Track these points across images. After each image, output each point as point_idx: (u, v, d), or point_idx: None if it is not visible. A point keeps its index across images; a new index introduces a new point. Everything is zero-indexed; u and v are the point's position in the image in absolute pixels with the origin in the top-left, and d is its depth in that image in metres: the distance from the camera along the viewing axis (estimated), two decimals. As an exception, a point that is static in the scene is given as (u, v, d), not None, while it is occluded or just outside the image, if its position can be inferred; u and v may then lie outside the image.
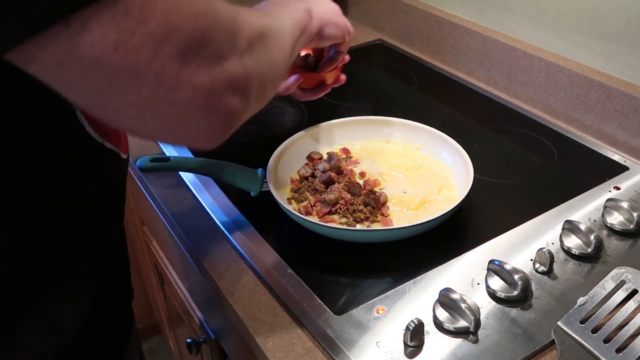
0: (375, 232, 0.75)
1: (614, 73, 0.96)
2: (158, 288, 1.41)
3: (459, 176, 0.85)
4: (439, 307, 0.65)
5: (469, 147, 0.86)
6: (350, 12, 1.54)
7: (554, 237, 0.76)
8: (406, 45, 1.37)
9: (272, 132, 1.02)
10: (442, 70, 1.25)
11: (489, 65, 1.17)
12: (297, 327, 0.66)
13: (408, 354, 0.61)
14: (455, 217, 0.78)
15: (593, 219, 0.79)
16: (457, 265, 0.73)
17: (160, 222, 0.96)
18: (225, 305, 0.72)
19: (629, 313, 0.63)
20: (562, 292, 0.68)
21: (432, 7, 1.28)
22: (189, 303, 1.09)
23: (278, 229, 0.81)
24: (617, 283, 0.66)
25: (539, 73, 1.06)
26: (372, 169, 0.88)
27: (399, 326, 0.64)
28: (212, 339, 1.00)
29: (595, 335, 0.62)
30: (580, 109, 1.01)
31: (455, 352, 0.61)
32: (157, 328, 1.73)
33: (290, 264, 0.73)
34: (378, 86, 1.21)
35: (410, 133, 0.93)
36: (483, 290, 0.69)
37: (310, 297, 0.69)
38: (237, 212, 0.82)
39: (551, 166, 0.93)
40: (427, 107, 1.12)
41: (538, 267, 0.71)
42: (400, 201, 0.82)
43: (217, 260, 0.76)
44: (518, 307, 0.66)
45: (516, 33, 1.11)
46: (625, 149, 0.95)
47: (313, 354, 0.63)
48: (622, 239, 0.76)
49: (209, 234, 0.80)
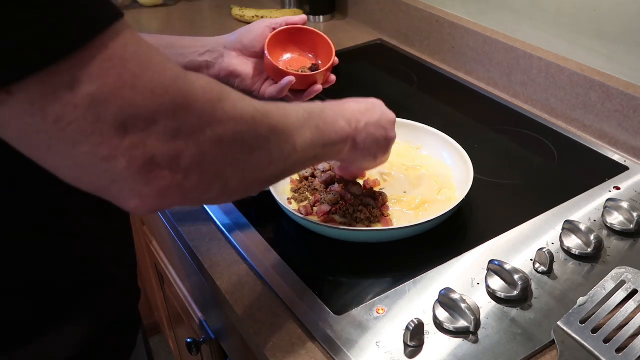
0: (375, 232, 0.75)
1: (614, 73, 0.96)
2: (158, 288, 1.41)
3: (459, 176, 0.85)
4: (439, 307, 0.65)
5: (469, 147, 0.86)
6: (350, 12, 1.54)
7: (554, 237, 0.76)
8: (406, 45, 1.37)
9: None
10: (442, 70, 1.25)
11: (489, 65, 1.17)
12: (297, 327, 0.66)
13: (408, 354, 0.61)
14: (455, 217, 0.78)
15: (593, 219, 0.79)
16: (457, 265, 0.73)
17: (160, 222, 0.96)
18: (225, 305, 0.72)
19: (629, 313, 0.63)
20: (562, 292, 0.68)
21: (432, 7, 1.28)
22: (189, 303, 1.09)
23: (278, 229, 0.81)
24: (617, 283, 0.66)
25: (539, 73, 1.06)
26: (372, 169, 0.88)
27: (399, 326, 0.64)
28: (212, 339, 1.00)
29: (595, 335, 0.61)
30: (580, 109, 1.01)
31: (455, 352, 0.61)
32: (157, 328, 1.73)
33: (290, 264, 0.73)
34: (378, 86, 1.21)
35: (410, 133, 0.93)
36: (483, 290, 0.69)
37: (310, 297, 0.69)
38: (237, 212, 0.82)
39: (551, 166, 0.93)
40: (427, 107, 1.12)
41: (538, 267, 0.71)
42: (400, 201, 0.82)
43: (217, 260, 0.76)
44: (518, 307, 0.66)
45: (516, 33, 1.11)
46: (625, 149, 0.95)
47: (313, 354, 0.63)
48: (622, 239, 0.76)
49: (209, 234, 0.80)
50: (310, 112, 0.58)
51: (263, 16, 1.50)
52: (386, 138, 0.70)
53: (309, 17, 1.54)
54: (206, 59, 0.81)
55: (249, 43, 0.81)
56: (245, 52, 0.82)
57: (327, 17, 1.54)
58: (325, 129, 0.59)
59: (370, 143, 0.67)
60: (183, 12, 1.64)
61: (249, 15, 1.51)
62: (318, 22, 1.54)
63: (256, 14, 1.51)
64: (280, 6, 1.59)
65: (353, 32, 1.46)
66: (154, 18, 1.62)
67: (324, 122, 0.59)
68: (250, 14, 1.51)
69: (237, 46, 0.81)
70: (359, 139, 0.65)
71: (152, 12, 1.64)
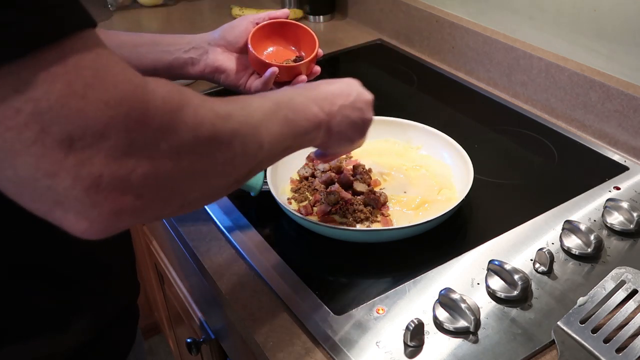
0: (375, 232, 0.75)
1: (614, 73, 0.96)
2: (158, 288, 1.41)
3: (459, 176, 0.85)
4: (439, 307, 0.65)
5: (469, 147, 0.86)
6: (350, 12, 1.54)
7: (554, 237, 0.76)
8: (406, 45, 1.37)
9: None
10: (442, 70, 1.25)
11: (489, 65, 1.17)
12: (297, 327, 0.66)
13: (408, 354, 0.61)
14: (455, 217, 0.78)
15: (593, 219, 0.79)
16: (457, 265, 0.73)
17: (160, 222, 0.96)
18: (225, 305, 0.72)
19: (629, 313, 0.63)
20: (562, 292, 0.68)
21: (432, 7, 1.28)
22: (189, 303, 1.09)
23: (278, 229, 0.81)
24: (617, 283, 0.66)
25: (539, 73, 1.06)
26: (372, 169, 0.88)
27: (399, 326, 0.64)
28: (212, 339, 1.00)
29: (595, 335, 0.61)
30: (580, 109, 1.01)
31: (455, 352, 0.61)
32: (157, 328, 1.73)
33: (290, 264, 0.73)
34: (378, 86, 1.21)
35: (410, 133, 0.93)
36: (483, 290, 0.69)
37: (310, 297, 0.69)
38: (237, 212, 0.82)
39: (551, 166, 0.93)
40: (427, 107, 1.12)
41: (538, 267, 0.71)
42: (400, 201, 0.82)
43: (217, 260, 0.76)
44: (518, 307, 0.66)
45: (516, 33, 1.11)
46: (625, 149, 0.95)
47: (313, 354, 0.63)
48: (622, 239, 0.76)
49: (209, 234, 0.80)
50: (278, 103, 0.55)
51: (263, 16, 1.50)
52: (363, 120, 0.66)
53: (309, 17, 1.54)
54: (191, 56, 0.81)
55: (233, 39, 0.82)
56: (230, 48, 0.82)
57: (327, 17, 1.54)
58: (295, 118, 0.56)
59: (346, 126, 0.64)
60: (183, 12, 1.64)
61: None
62: (318, 22, 1.54)
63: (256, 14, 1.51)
64: (280, 6, 1.59)
65: (353, 32, 1.46)
66: (154, 18, 1.62)
67: (293, 111, 0.56)
68: (250, 14, 1.51)
69: (221, 42, 0.82)
70: (334, 123, 0.62)
71: (152, 12, 1.64)
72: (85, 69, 0.35)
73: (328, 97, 0.62)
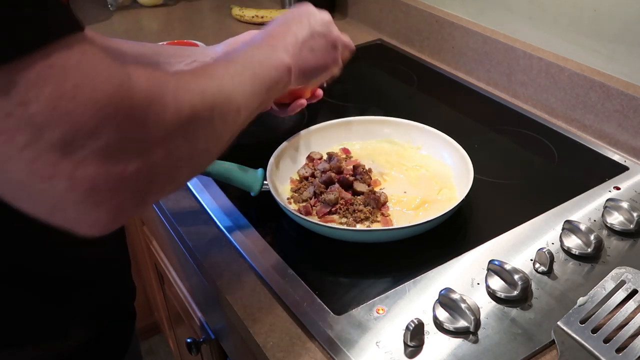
0: (375, 232, 0.75)
1: (614, 73, 0.96)
2: (158, 288, 1.41)
3: (459, 176, 0.85)
4: (439, 307, 0.65)
5: (469, 147, 0.86)
6: (350, 12, 1.54)
7: (554, 237, 0.76)
8: (406, 45, 1.37)
9: (272, 133, 1.02)
10: (442, 70, 1.25)
11: (489, 65, 1.17)
12: (297, 327, 0.66)
13: (408, 354, 0.61)
14: (455, 217, 0.78)
15: (593, 219, 0.79)
16: (457, 265, 0.73)
17: (160, 222, 0.96)
18: (225, 305, 0.72)
19: (629, 313, 0.63)
20: (562, 292, 0.68)
21: (432, 7, 1.28)
22: (189, 303, 1.09)
23: (278, 229, 0.81)
24: (617, 283, 0.66)
25: (539, 73, 1.06)
26: (372, 169, 0.88)
27: (399, 326, 0.64)
28: (212, 339, 1.00)
29: (595, 335, 0.61)
30: (580, 109, 1.01)
31: (455, 352, 0.61)
32: (157, 328, 1.73)
33: (290, 264, 0.73)
34: (378, 86, 1.21)
35: (410, 133, 0.93)
36: (483, 290, 0.69)
37: (310, 297, 0.69)
38: (237, 212, 0.82)
39: (551, 166, 0.93)
40: (427, 107, 1.12)
41: (538, 267, 0.71)
42: (400, 201, 0.82)
43: (217, 260, 0.76)
44: (518, 307, 0.66)
45: (516, 33, 1.11)
46: (625, 149, 0.95)
47: (313, 354, 0.63)
48: (622, 239, 0.76)
49: (208, 234, 0.80)
50: (242, 63, 0.53)
51: (263, 16, 1.50)
52: (328, 42, 0.64)
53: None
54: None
55: None
56: None
57: (327, 17, 1.54)
58: (262, 71, 0.55)
59: (315, 57, 0.62)
60: (183, 12, 1.64)
61: (248, 16, 1.51)
62: (318, 22, 1.54)
63: (256, 14, 1.51)
64: (280, 6, 1.59)
65: (353, 32, 1.46)
66: (154, 18, 1.62)
67: (259, 65, 0.55)
68: (250, 14, 1.51)
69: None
70: (301, 60, 0.60)
71: (152, 12, 1.64)
72: (73, 69, 0.34)
73: (286, 36, 0.60)
